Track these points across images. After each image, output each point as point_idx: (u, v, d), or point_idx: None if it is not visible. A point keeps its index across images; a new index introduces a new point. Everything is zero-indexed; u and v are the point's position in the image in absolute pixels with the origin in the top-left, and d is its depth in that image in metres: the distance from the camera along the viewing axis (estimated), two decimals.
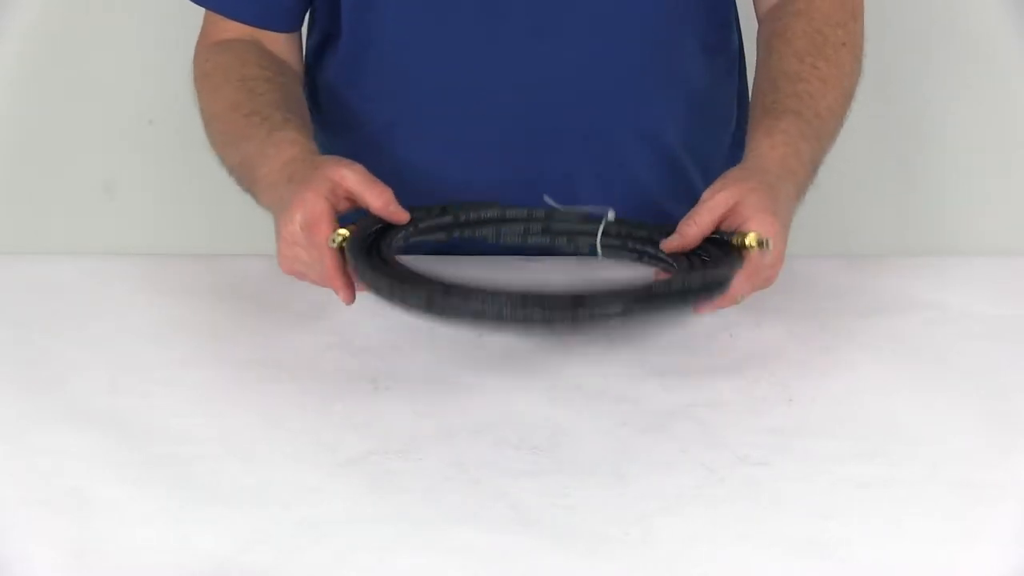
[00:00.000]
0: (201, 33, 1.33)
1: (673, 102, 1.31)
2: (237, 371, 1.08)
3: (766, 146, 1.14)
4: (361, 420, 1.00)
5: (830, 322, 1.14)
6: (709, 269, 1.05)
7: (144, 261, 1.28)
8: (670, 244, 1.09)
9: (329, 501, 0.92)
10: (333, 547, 0.88)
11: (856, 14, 1.26)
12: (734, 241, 1.07)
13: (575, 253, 1.16)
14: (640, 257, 1.14)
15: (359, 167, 1.10)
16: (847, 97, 1.22)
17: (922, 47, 1.92)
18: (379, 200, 1.08)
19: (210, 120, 1.24)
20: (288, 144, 1.14)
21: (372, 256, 1.05)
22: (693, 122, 1.33)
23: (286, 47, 1.32)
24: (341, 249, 1.06)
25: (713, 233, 1.09)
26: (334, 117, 1.35)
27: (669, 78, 1.30)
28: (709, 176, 1.32)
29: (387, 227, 1.10)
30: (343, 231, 1.06)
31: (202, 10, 1.33)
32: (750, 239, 1.06)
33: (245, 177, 1.18)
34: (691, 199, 1.22)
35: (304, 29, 1.36)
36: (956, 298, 1.19)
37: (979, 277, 1.23)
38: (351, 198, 1.09)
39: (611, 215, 1.15)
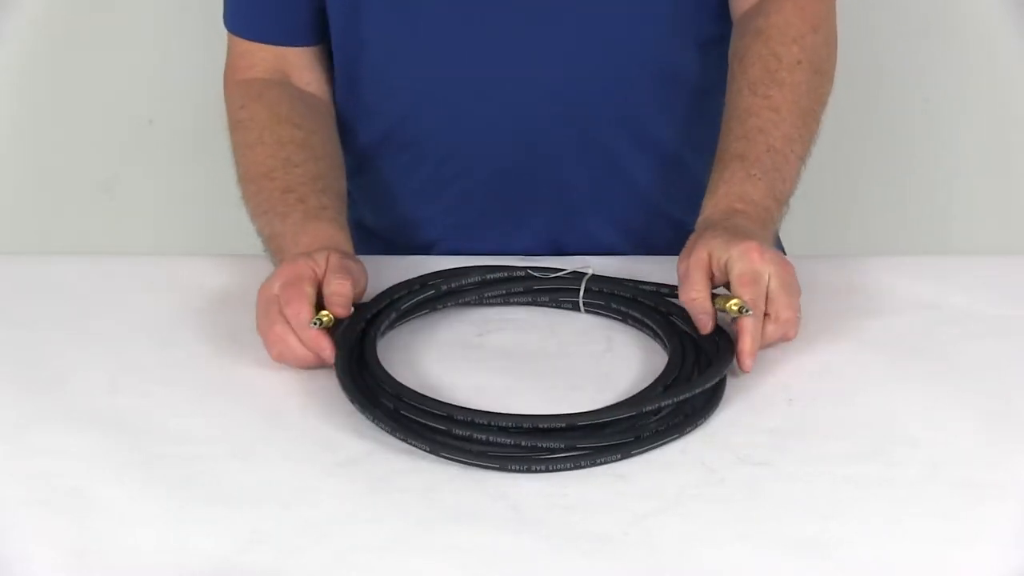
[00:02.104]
0: (227, 64, 1.33)
1: (670, 101, 1.30)
2: (237, 371, 1.07)
3: (710, 206, 1.15)
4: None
5: (830, 322, 1.14)
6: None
7: (144, 261, 1.28)
8: (706, 326, 1.07)
9: (329, 501, 0.92)
10: (333, 547, 0.88)
11: (817, 24, 1.25)
12: (716, 304, 1.07)
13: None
14: (624, 320, 1.15)
15: (350, 261, 1.10)
16: (808, 116, 1.21)
17: (922, 46, 1.92)
18: (331, 286, 1.07)
19: (243, 179, 1.24)
20: (321, 238, 1.14)
21: (355, 362, 1.05)
22: (693, 118, 1.32)
23: (314, 75, 1.32)
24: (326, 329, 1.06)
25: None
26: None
27: (664, 78, 1.29)
28: None
29: (375, 316, 1.11)
30: (326, 314, 1.05)
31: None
32: (731, 304, 1.05)
33: (273, 251, 1.18)
34: (695, 196, 1.22)
35: None
36: (956, 298, 1.19)
37: (979, 277, 1.23)
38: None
39: (590, 271, 1.16)
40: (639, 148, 1.31)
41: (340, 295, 1.07)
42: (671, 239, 1.34)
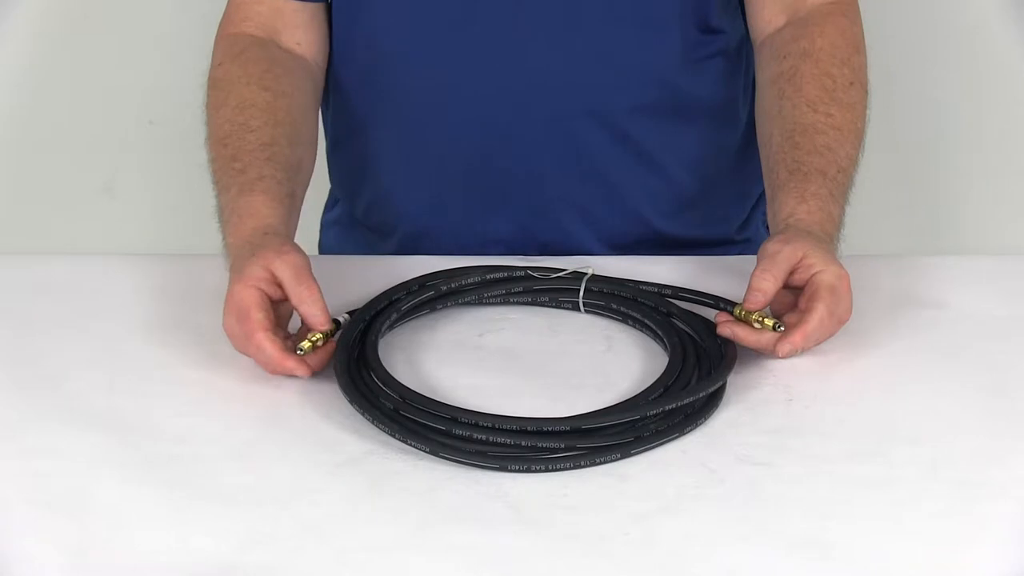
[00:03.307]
0: (223, 18, 1.31)
1: (655, 108, 1.29)
2: (237, 371, 1.07)
3: (803, 211, 1.15)
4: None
5: None
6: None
7: (144, 261, 1.27)
8: (754, 302, 1.07)
9: (329, 501, 0.92)
10: (333, 547, 0.88)
11: (859, 45, 1.26)
12: (736, 312, 1.09)
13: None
14: (624, 320, 1.15)
15: (293, 259, 1.07)
16: (861, 139, 1.22)
17: (923, 47, 1.92)
18: (303, 305, 1.06)
19: (207, 143, 1.23)
20: (249, 216, 1.13)
21: (354, 364, 1.05)
22: (679, 127, 1.31)
23: (307, 35, 1.30)
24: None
25: (693, 297, 1.14)
26: (330, 99, 1.35)
27: (652, 85, 1.28)
28: (707, 185, 1.31)
29: (375, 316, 1.11)
30: (308, 342, 1.05)
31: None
32: (767, 321, 1.07)
33: (220, 227, 1.17)
34: (676, 205, 1.20)
35: None
36: (957, 298, 1.19)
37: (980, 277, 1.23)
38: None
39: (590, 271, 1.17)
40: (621, 151, 1.29)
41: (315, 314, 1.06)
42: (645, 243, 1.33)
